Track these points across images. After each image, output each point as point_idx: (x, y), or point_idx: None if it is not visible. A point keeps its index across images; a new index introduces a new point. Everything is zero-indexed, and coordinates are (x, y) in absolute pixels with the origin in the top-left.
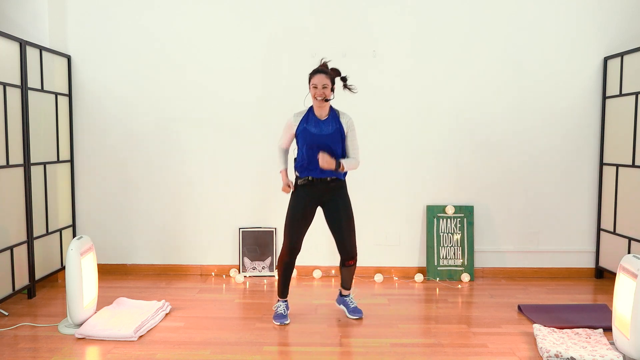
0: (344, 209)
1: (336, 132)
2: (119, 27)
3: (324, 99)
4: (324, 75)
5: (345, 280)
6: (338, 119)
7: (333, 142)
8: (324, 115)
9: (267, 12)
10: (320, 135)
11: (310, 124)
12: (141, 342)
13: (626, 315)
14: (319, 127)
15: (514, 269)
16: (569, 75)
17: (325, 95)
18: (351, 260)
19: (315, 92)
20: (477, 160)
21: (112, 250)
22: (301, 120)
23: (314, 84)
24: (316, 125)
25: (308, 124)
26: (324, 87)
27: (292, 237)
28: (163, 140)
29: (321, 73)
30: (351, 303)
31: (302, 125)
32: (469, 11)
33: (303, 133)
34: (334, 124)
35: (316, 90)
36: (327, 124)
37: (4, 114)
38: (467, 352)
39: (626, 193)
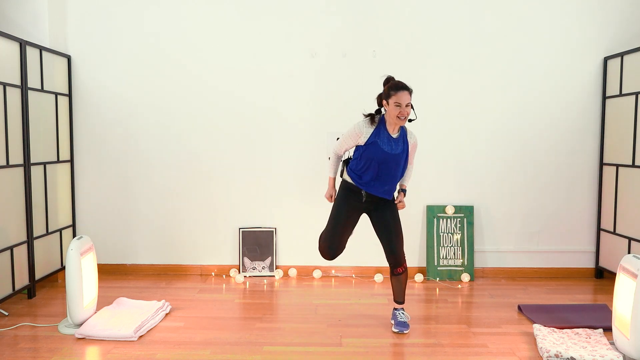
0: (392, 215)
1: (403, 152)
2: (119, 27)
3: (408, 119)
4: (407, 93)
5: (396, 291)
6: (406, 137)
7: (399, 162)
8: (396, 132)
9: (267, 12)
10: (391, 154)
11: (382, 139)
12: (141, 342)
13: (626, 315)
14: (390, 145)
15: (514, 269)
16: (569, 75)
17: (408, 114)
18: (400, 267)
19: (400, 112)
20: (477, 160)
21: (112, 250)
22: (373, 132)
23: (397, 103)
24: (388, 142)
25: (380, 138)
26: (407, 105)
27: (333, 241)
28: (163, 140)
29: (405, 90)
30: (400, 317)
31: (374, 138)
32: (469, 12)
33: (373, 147)
34: (402, 143)
35: (400, 109)
36: (397, 143)
37: (4, 114)
38: (467, 352)
39: (626, 193)
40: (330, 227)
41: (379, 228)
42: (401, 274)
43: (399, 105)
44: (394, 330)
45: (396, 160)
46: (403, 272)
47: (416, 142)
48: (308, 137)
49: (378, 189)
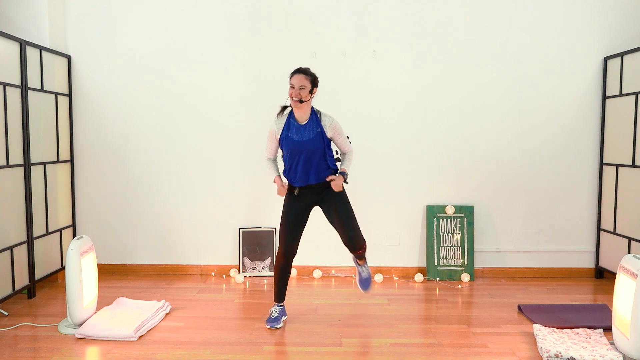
0: (340, 202)
1: (317, 136)
2: (119, 27)
3: (300, 100)
4: (303, 75)
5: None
6: (319, 121)
7: (316, 147)
8: (304, 119)
9: (267, 13)
10: (301, 141)
11: (291, 131)
12: (141, 342)
13: (626, 315)
14: (299, 133)
15: (514, 269)
16: (569, 75)
17: (301, 96)
18: (360, 250)
19: (292, 92)
20: (477, 160)
21: (112, 250)
22: (284, 126)
23: (291, 84)
24: (297, 131)
25: (289, 130)
26: (302, 88)
27: (286, 241)
28: (163, 140)
29: (301, 73)
30: (362, 271)
31: (284, 132)
32: (469, 11)
33: (285, 140)
34: (315, 127)
35: (293, 90)
36: (307, 129)
37: (4, 114)
38: (467, 352)
39: (626, 193)
40: (282, 228)
41: (330, 216)
42: (362, 253)
43: (293, 87)
44: (359, 287)
45: (309, 147)
46: (363, 251)
47: (334, 124)
48: None
49: (303, 180)
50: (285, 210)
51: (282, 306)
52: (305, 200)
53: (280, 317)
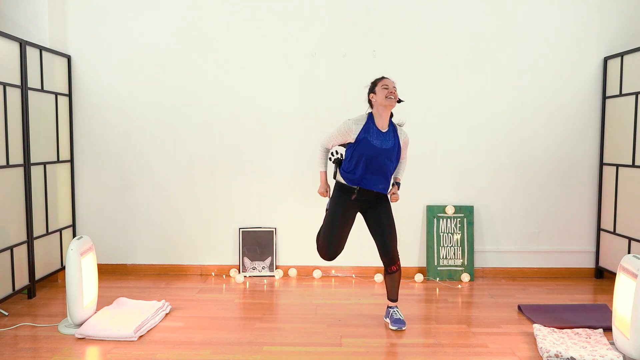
0: (386, 214)
1: (395, 147)
2: (119, 27)
3: (398, 99)
4: (391, 80)
5: (390, 289)
6: (397, 133)
7: (391, 157)
8: (385, 126)
9: (267, 13)
10: (382, 149)
11: (371, 135)
12: (141, 342)
13: (626, 315)
14: (380, 139)
15: (514, 269)
16: (569, 75)
17: (397, 96)
18: (394, 265)
19: (388, 91)
20: (477, 160)
21: (112, 250)
22: (362, 128)
23: (384, 85)
24: (378, 137)
25: (369, 134)
26: (395, 88)
27: (331, 243)
28: (163, 140)
29: (388, 78)
30: (395, 314)
31: (363, 134)
32: (469, 11)
33: (363, 143)
34: (393, 138)
35: (388, 89)
36: (387, 137)
37: (4, 114)
38: (467, 352)
39: (626, 193)
40: (328, 230)
41: (373, 227)
42: (395, 272)
43: (386, 87)
44: (391, 328)
45: (387, 155)
46: (397, 270)
47: (407, 138)
48: (308, 137)
49: (371, 184)
50: (334, 208)
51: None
52: (355, 203)
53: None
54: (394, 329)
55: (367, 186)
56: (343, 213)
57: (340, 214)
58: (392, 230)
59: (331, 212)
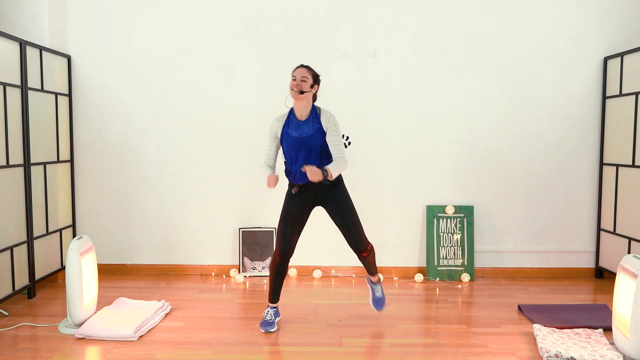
0: (344, 204)
1: (317, 132)
2: (119, 27)
3: (300, 90)
4: (305, 69)
5: (367, 269)
6: (319, 118)
7: (313, 143)
8: (305, 115)
9: (267, 13)
10: (301, 137)
11: (290, 127)
12: (141, 342)
13: (626, 315)
14: (299, 129)
15: (514, 269)
16: (569, 75)
17: (301, 87)
18: (364, 252)
19: (293, 84)
20: (477, 160)
21: (112, 250)
22: (283, 124)
23: (293, 76)
24: (296, 127)
25: (289, 127)
26: (303, 80)
27: (284, 240)
28: (163, 140)
29: (303, 67)
30: (376, 290)
31: (284, 129)
32: (469, 11)
33: (284, 137)
34: (315, 124)
35: (294, 82)
36: (307, 125)
37: (4, 114)
38: (467, 352)
39: (626, 193)
40: (281, 227)
41: (334, 218)
42: (367, 257)
43: (294, 78)
44: (372, 305)
45: (306, 142)
46: (368, 254)
47: (331, 119)
48: None
49: (303, 177)
50: (284, 208)
51: (275, 307)
52: (305, 199)
53: (274, 319)
54: (376, 309)
55: (303, 180)
56: (294, 211)
57: (291, 212)
58: (354, 218)
59: (283, 211)
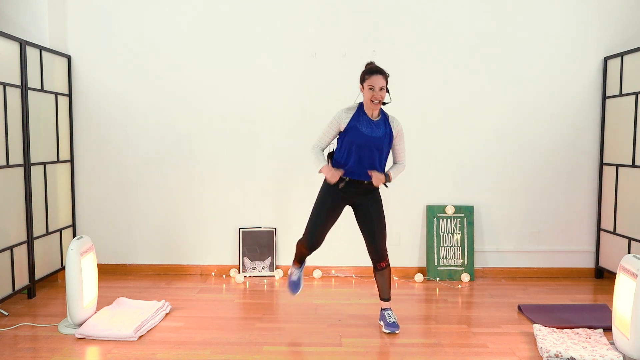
0: (376, 211)
1: (385, 136)
2: (119, 27)
3: (382, 102)
4: (381, 76)
5: (381, 288)
6: (388, 122)
7: (382, 145)
8: (376, 115)
9: (267, 13)
10: (371, 137)
11: (361, 123)
12: (141, 342)
13: (626, 315)
14: (370, 127)
15: (514, 269)
16: (569, 75)
17: (382, 98)
18: (382, 262)
19: (373, 95)
20: (477, 160)
21: (112, 250)
22: (352, 116)
23: (370, 86)
24: (368, 125)
25: (359, 122)
26: (381, 89)
27: (314, 233)
28: (163, 140)
29: (378, 74)
30: (389, 317)
31: (353, 122)
32: (469, 11)
33: (352, 131)
34: (385, 127)
35: (373, 92)
36: (378, 126)
37: (4, 114)
38: (467, 352)
39: (626, 193)
40: (312, 220)
41: (362, 222)
42: (384, 269)
43: (372, 88)
44: (384, 331)
45: (377, 144)
46: (386, 267)
47: (400, 127)
48: (308, 138)
49: (361, 175)
50: (322, 199)
51: (301, 268)
52: (345, 196)
53: (300, 280)
54: (387, 332)
55: (357, 177)
56: (330, 204)
57: (327, 206)
58: (382, 226)
59: (318, 203)
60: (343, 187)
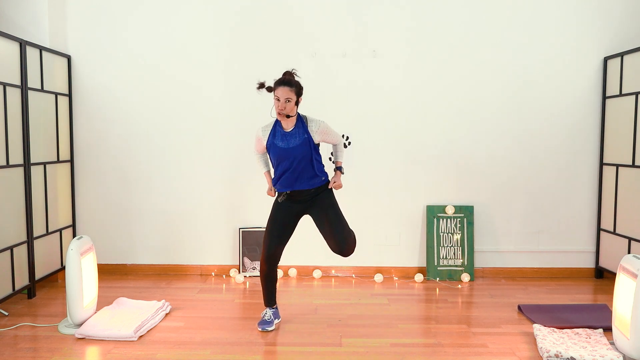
0: (331, 208)
1: (304, 143)
2: (119, 27)
3: (287, 115)
4: (287, 88)
5: None
6: (306, 127)
7: (303, 154)
8: (290, 126)
9: (267, 13)
10: (288, 149)
11: (277, 138)
12: (141, 342)
13: (626, 315)
14: (285, 140)
15: (514, 269)
16: (569, 75)
17: (287, 110)
18: (347, 251)
19: (278, 106)
20: (477, 160)
21: (112, 250)
22: (269, 133)
23: (276, 97)
24: (283, 138)
25: (275, 137)
26: (287, 101)
27: (269, 246)
28: (163, 140)
29: (285, 85)
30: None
31: (270, 139)
32: (469, 11)
33: (272, 148)
34: (302, 133)
35: (279, 103)
36: (293, 136)
37: (4, 114)
38: (467, 352)
39: (626, 193)
40: (267, 235)
41: (320, 224)
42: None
43: (278, 99)
44: None
45: (295, 154)
46: (353, 248)
47: (322, 127)
48: None
49: (297, 185)
50: (272, 215)
51: (274, 309)
52: (292, 207)
53: (273, 320)
54: None
55: (295, 187)
56: (280, 219)
57: (278, 221)
58: (341, 221)
59: (270, 219)
60: (284, 200)
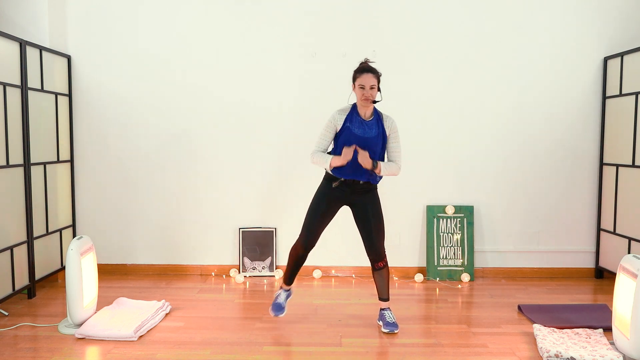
0: (374, 211)
1: (379, 136)
2: (119, 27)
3: (372, 101)
4: (372, 75)
5: (380, 288)
6: (382, 121)
7: (375, 145)
8: (368, 115)
9: (266, 13)
10: (364, 137)
11: (354, 124)
12: (141, 342)
13: (626, 315)
14: (362, 128)
15: (514, 269)
16: (569, 75)
17: (373, 97)
18: (380, 261)
19: (363, 94)
20: (477, 160)
21: (112, 250)
22: (345, 118)
23: (360, 85)
24: (360, 126)
25: (352, 123)
26: (372, 87)
27: (310, 232)
28: (163, 140)
29: (369, 72)
30: (388, 317)
31: (346, 123)
32: (469, 12)
33: (345, 132)
34: (378, 127)
35: (363, 91)
36: (370, 127)
37: (4, 114)
38: (467, 352)
39: (626, 193)
40: (309, 218)
41: (360, 221)
42: (382, 269)
43: (362, 87)
44: (383, 331)
45: (369, 145)
46: (384, 266)
47: (395, 126)
48: (308, 137)
49: (355, 175)
50: (317, 199)
51: (288, 290)
52: (341, 195)
53: (285, 302)
54: (386, 332)
55: (352, 177)
56: (326, 204)
57: (323, 205)
58: (380, 225)
59: (314, 202)
60: (337, 185)
